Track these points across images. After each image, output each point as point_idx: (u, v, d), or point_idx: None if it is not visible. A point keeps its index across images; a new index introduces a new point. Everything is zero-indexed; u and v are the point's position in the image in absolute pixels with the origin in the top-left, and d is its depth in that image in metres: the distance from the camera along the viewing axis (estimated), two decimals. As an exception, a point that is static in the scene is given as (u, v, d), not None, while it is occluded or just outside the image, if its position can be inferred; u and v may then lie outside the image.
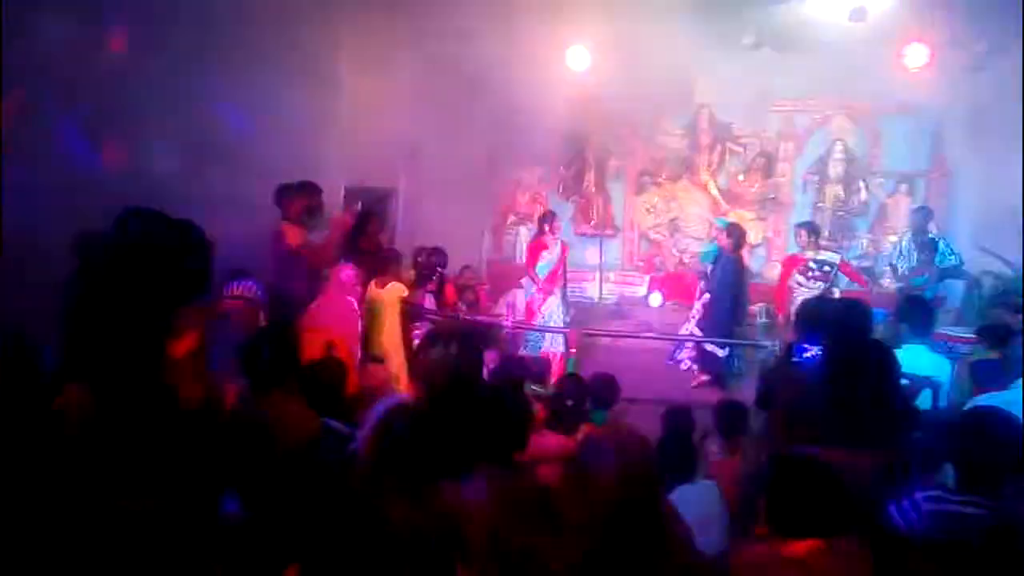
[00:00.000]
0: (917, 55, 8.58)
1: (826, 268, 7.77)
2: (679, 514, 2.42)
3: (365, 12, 7.25)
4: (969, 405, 3.41)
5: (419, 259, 6.84)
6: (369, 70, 7.41)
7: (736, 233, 7.93)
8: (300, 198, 5.85)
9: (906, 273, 7.97)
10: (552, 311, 8.09)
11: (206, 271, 3.02)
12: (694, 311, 8.18)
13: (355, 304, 5.44)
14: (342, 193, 7.70)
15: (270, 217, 5.86)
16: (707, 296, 7.94)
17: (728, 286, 7.75)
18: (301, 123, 6.50)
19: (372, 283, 5.98)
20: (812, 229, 8.07)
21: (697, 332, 7.96)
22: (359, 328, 5.40)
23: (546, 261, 8.13)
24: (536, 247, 8.23)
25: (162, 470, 2.17)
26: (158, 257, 2.80)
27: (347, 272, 5.49)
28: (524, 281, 8.95)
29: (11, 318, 2.87)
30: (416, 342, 5.73)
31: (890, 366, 2.88)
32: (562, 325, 8.04)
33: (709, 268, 8.03)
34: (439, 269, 6.80)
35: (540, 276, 8.10)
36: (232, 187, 5.51)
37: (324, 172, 6.52)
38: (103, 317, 2.66)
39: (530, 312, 8.15)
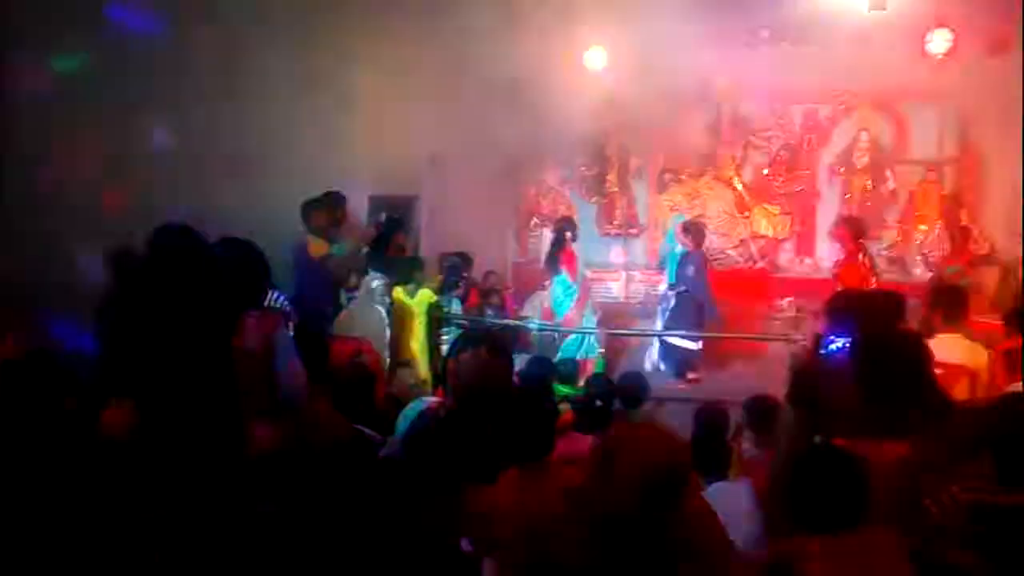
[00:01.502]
0: (940, 41, 8.47)
1: None
2: (713, 511, 2.41)
3: (381, 19, 7.31)
4: (1004, 392, 3.35)
5: (444, 265, 6.87)
6: (387, 78, 7.46)
7: (695, 230, 8.04)
8: (324, 210, 5.92)
9: (939, 262, 7.88)
10: (583, 319, 8.09)
11: (257, 282, 3.05)
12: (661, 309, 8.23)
13: (384, 313, 5.48)
14: (366, 203, 7.77)
15: (295, 229, 5.93)
16: (671, 294, 8.07)
17: (696, 283, 7.83)
18: (323, 135, 6.57)
19: (400, 290, 6.02)
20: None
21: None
22: (387, 336, 5.44)
23: (580, 268, 8.18)
24: (570, 256, 8.19)
25: (198, 486, 2.20)
26: (210, 272, 2.82)
27: (376, 281, 5.54)
28: (550, 283, 8.94)
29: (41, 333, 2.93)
30: (443, 348, 5.77)
31: (922, 356, 2.84)
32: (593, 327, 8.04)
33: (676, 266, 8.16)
34: (464, 274, 6.82)
35: (580, 282, 8.12)
36: (256, 199, 5.58)
37: (348, 182, 6.59)
38: (152, 334, 2.68)
39: (568, 323, 8.12)
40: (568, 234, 8.15)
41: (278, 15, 5.97)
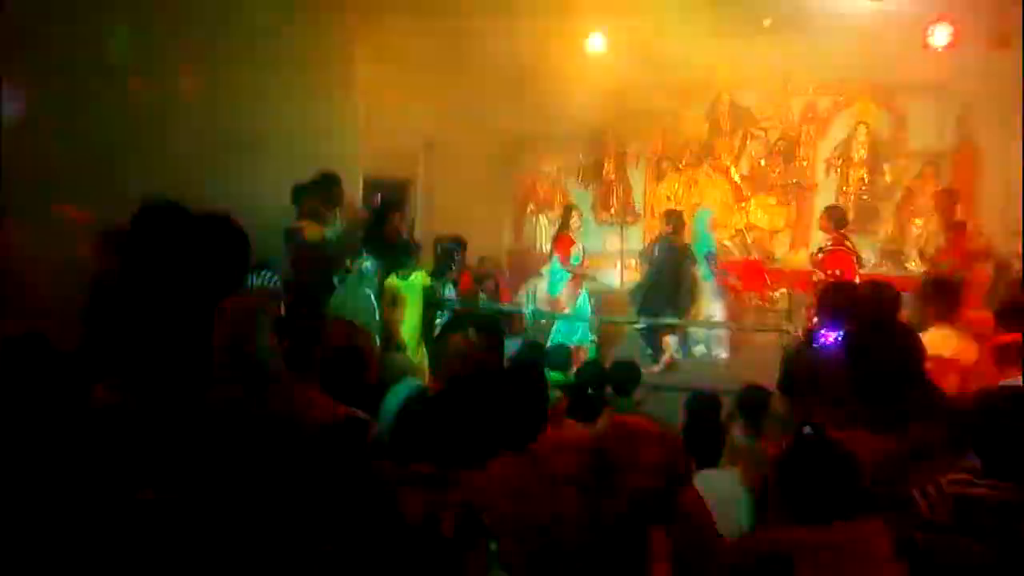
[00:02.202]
0: (941, 34, 8.43)
1: None
2: (702, 499, 2.41)
3: (379, 4, 7.27)
4: (993, 386, 3.35)
5: (439, 249, 6.85)
6: (385, 61, 7.42)
7: (674, 219, 8.14)
8: (318, 192, 5.88)
9: (934, 256, 7.88)
10: (578, 306, 8.11)
11: (239, 261, 3.03)
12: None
13: (372, 296, 5.46)
14: (361, 184, 7.73)
15: (288, 212, 5.91)
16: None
17: (668, 271, 7.94)
18: (320, 118, 6.53)
19: (393, 274, 6.00)
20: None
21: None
22: (376, 319, 5.42)
23: (575, 254, 8.17)
24: (565, 241, 8.22)
25: (192, 462, 2.19)
26: (190, 250, 2.81)
27: (367, 264, 5.52)
28: (544, 270, 8.94)
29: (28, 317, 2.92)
30: (437, 331, 5.76)
31: (914, 349, 2.84)
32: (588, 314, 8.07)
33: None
34: (458, 258, 6.81)
35: (575, 264, 8.15)
36: (250, 183, 5.55)
37: (343, 164, 6.56)
38: (136, 313, 2.67)
39: (556, 306, 8.15)
40: (571, 219, 8.21)
41: (275, 3, 5.93)
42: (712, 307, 8.21)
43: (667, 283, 7.95)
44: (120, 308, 2.69)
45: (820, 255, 7.15)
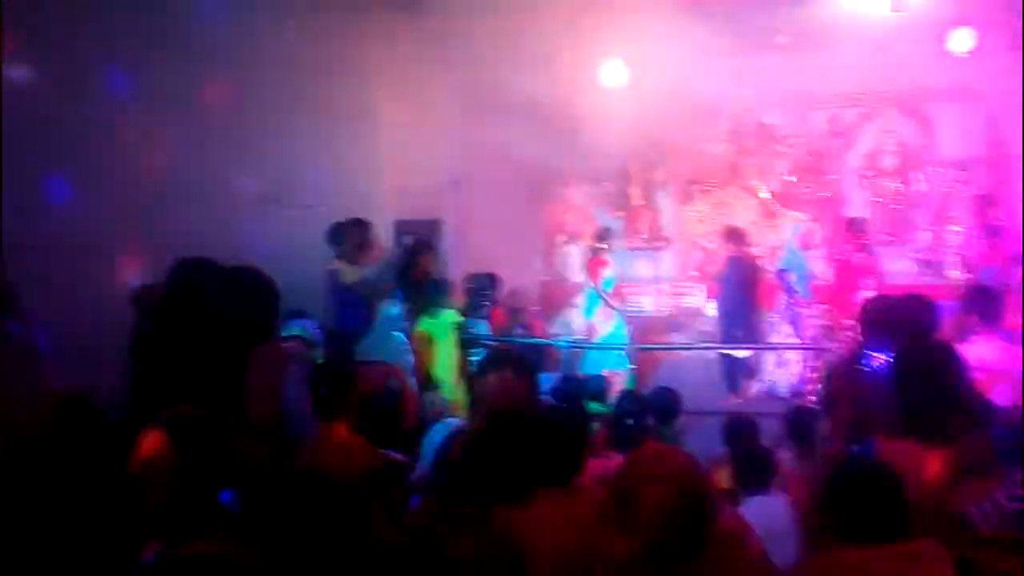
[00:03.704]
0: (962, 39, 8.36)
1: None
2: (750, 528, 2.36)
3: (397, 45, 7.39)
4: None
5: (469, 286, 6.88)
6: (407, 103, 7.54)
7: (734, 236, 7.99)
8: (351, 236, 5.97)
9: (974, 263, 7.73)
10: (614, 333, 8.03)
11: (269, 313, 3.08)
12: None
13: (404, 337, 5.49)
14: (392, 227, 7.82)
15: (323, 258, 5.99)
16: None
17: (735, 287, 7.76)
18: (347, 162, 6.64)
19: (426, 313, 6.02)
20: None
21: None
22: (410, 359, 5.44)
23: (608, 277, 8.12)
24: (596, 264, 8.20)
25: (230, 516, 2.20)
26: (221, 304, 2.86)
27: (393, 309, 5.57)
28: (578, 300, 8.92)
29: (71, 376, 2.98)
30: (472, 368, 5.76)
31: (953, 363, 2.78)
32: (624, 342, 7.99)
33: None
34: (490, 294, 6.82)
35: (607, 290, 8.08)
36: (282, 230, 5.64)
37: (373, 208, 6.65)
38: (173, 369, 2.72)
39: (591, 333, 8.10)
40: (603, 243, 8.18)
41: (297, 45, 6.06)
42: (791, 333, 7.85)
43: (735, 304, 7.79)
44: (157, 363, 2.74)
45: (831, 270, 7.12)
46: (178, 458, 2.39)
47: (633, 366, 7.94)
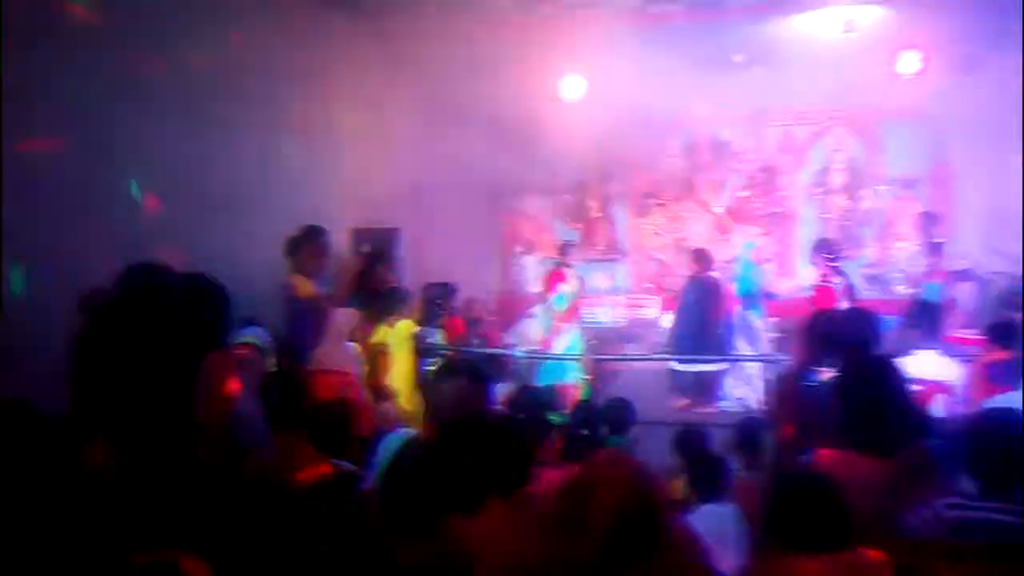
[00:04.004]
0: (910, 61, 8.62)
1: None
2: (697, 537, 2.39)
3: (357, 54, 7.37)
4: (983, 407, 3.37)
5: (426, 296, 6.87)
6: (365, 112, 7.51)
7: (701, 257, 8.13)
8: (308, 246, 5.91)
9: (917, 279, 7.95)
10: (570, 345, 8.04)
11: (220, 322, 3.04)
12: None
13: (352, 348, 5.45)
14: (348, 236, 7.77)
15: (277, 265, 5.92)
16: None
17: (697, 309, 7.87)
18: (303, 170, 6.58)
19: (382, 323, 5.99)
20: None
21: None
22: (358, 369, 5.40)
23: (564, 292, 8.12)
24: (554, 278, 8.22)
25: (184, 524, 2.17)
26: (171, 310, 2.81)
27: (341, 316, 5.52)
28: (535, 311, 8.95)
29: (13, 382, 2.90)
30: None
31: (893, 376, 2.86)
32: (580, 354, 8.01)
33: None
34: (446, 304, 6.82)
35: (558, 307, 8.06)
36: (236, 237, 5.57)
37: (329, 217, 6.59)
38: (120, 375, 2.67)
39: (546, 346, 8.11)
40: (563, 257, 8.22)
41: (255, 53, 6.00)
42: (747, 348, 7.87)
43: (696, 324, 7.88)
44: (103, 369, 2.69)
45: (812, 291, 7.23)
46: (124, 468, 2.35)
47: (588, 377, 7.98)
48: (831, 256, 7.29)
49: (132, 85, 5.04)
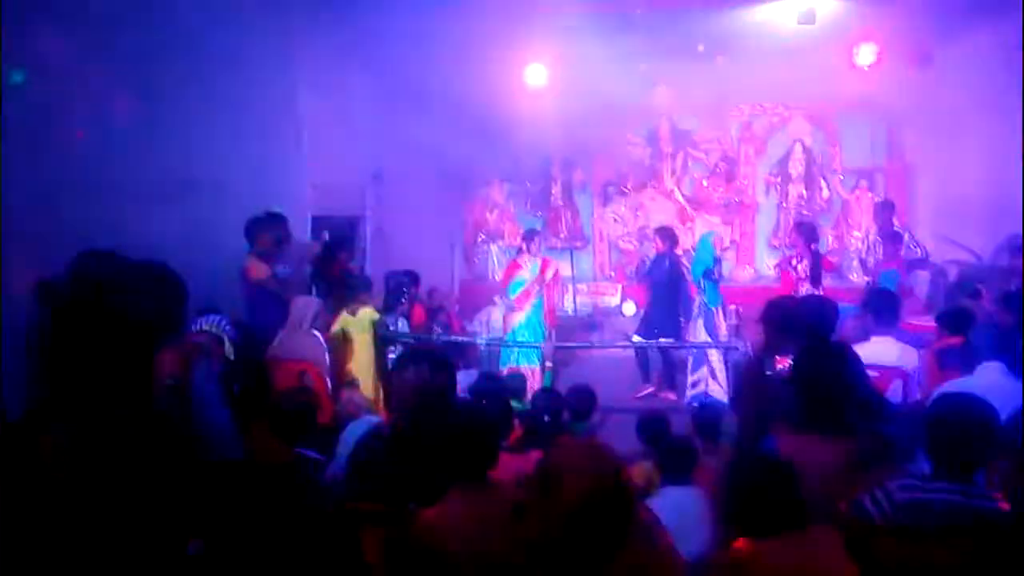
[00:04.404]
0: (866, 53, 8.76)
1: None
2: (658, 521, 2.43)
3: (320, 39, 7.27)
4: (936, 392, 3.45)
5: (389, 284, 6.83)
6: (328, 97, 7.42)
7: (666, 235, 8.13)
8: (266, 232, 5.85)
9: (874, 267, 8.12)
10: (520, 328, 8.02)
11: (176, 309, 2.99)
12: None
13: (319, 335, 5.40)
14: (309, 223, 7.69)
15: (237, 251, 5.85)
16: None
17: (667, 286, 7.92)
18: (263, 155, 6.48)
19: (344, 310, 5.95)
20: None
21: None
22: (326, 357, 5.36)
23: (518, 280, 8.09)
24: (512, 267, 8.21)
25: (142, 509, 2.15)
26: (125, 298, 2.76)
27: (305, 306, 5.47)
28: (497, 298, 8.95)
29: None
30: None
31: (849, 362, 2.92)
32: (534, 341, 8.01)
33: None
34: (409, 292, 6.79)
35: (511, 296, 8.05)
36: (196, 222, 5.47)
37: (290, 202, 6.52)
38: (74, 362, 2.62)
39: (506, 330, 8.12)
40: (523, 244, 8.19)
41: (216, 36, 5.89)
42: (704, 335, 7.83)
43: (667, 301, 7.95)
44: (59, 359, 2.63)
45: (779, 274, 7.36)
46: (81, 457, 2.31)
47: (550, 364, 8.01)
48: (811, 239, 7.44)
49: (85, 70, 4.92)
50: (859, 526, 2.42)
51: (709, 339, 7.65)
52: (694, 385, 7.65)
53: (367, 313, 6.00)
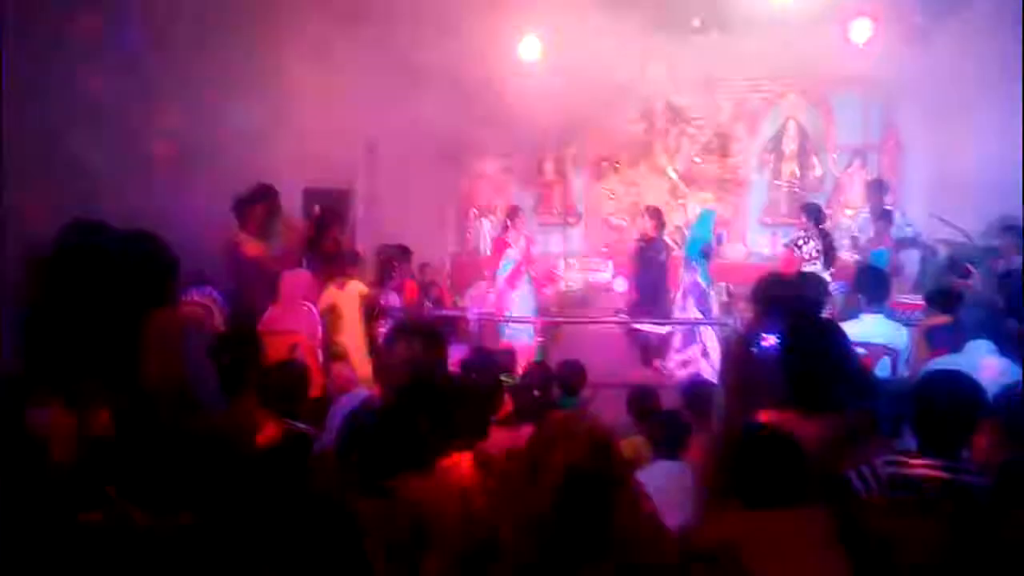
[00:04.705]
0: (861, 30, 8.72)
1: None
2: (645, 493, 2.44)
3: (312, 9, 7.18)
4: (924, 369, 3.48)
5: (380, 258, 6.82)
6: (319, 69, 7.34)
7: (656, 215, 8.18)
8: (257, 206, 5.81)
9: (865, 245, 8.14)
10: (516, 308, 8.04)
11: (166, 280, 2.98)
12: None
13: (312, 308, 5.40)
14: (300, 196, 7.64)
15: (225, 224, 5.81)
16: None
17: (659, 266, 7.99)
18: (254, 127, 6.42)
19: (332, 284, 5.93)
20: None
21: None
22: (319, 331, 5.36)
23: (510, 259, 8.10)
24: (499, 245, 8.20)
25: (141, 483, 2.15)
26: (115, 268, 2.75)
27: (293, 277, 5.46)
28: (489, 274, 8.95)
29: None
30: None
31: (836, 339, 2.93)
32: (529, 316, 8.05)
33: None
34: (400, 267, 6.78)
35: (502, 275, 8.06)
36: (186, 195, 5.44)
37: (281, 175, 6.47)
38: (64, 333, 2.62)
39: (500, 308, 8.13)
40: (508, 221, 8.17)
41: (206, 5, 5.81)
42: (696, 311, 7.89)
43: (652, 283, 7.98)
44: (49, 328, 2.63)
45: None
46: (76, 427, 2.32)
47: (541, 339, 8.04)
48: (819, 220, 7.48)
49: (75, 41, 4.86)
50: (846, 501, 2.44)
51: (701, 317, 7.69)
52: (685, 364, 7.69)
53: (355, 287, 5.98)
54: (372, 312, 6.09)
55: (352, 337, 5.83)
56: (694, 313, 7.77)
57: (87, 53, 4.95)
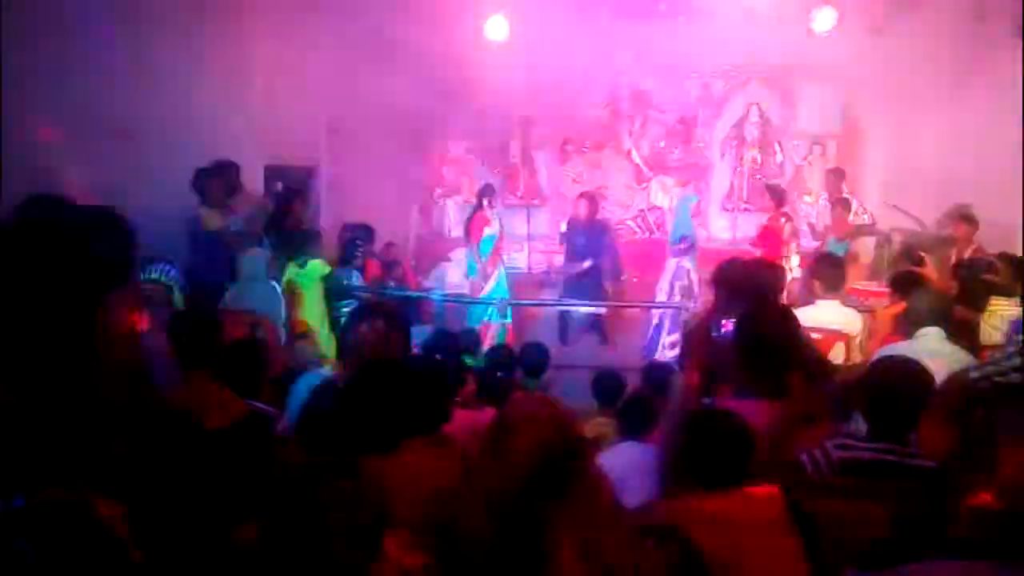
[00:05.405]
0: (824, 19, 8.81)
1: None
2: (604, 474, 2.49)
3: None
4: (876, 355, 3.57)
5: (344, 237, 6.77)
6: (285, 44, 7.23)
7: (592, 200, 8.44)
8: (218, 181, 5.74)
9: (822, 232, 8.29)
10: (495, 288, 8.10)
11: (125, 257, 2.93)
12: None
13: (276, 285, 5.35)
14: (262, 173, 7.54)
15: (185, 200, 5.72)
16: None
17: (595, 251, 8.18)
18: (215, 101, 6.31)
19: (291, 263, 5.88)
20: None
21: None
22: (282, 309, 5.32)
23: (488, 236, 8.11)
24: (478, 222, 8.19)
25: (89, 464, 2.12)
26: (69, 245, 2.70)
27: (254, 254, 5.41)
28: (454, 255, 8.93)
29: None
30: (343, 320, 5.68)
31: (790, 325, 3.00)
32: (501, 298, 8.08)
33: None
34: (364, 246, 6.73)
35: (483, 253, 8.07)
36: (145, 169, 5.34)
37: (242, 152, 6.38)
38: (15, 311, 2.56)
39: (475, 292, 8.14)
40: (485, 200, 8.17)
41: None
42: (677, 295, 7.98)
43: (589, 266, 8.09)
44: (3, 304, 2.57)
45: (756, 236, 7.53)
46: (20, 406, 2.27)
47: (505, 321, 8.06)
48: (780, 201, 7.61)
49: (36, 13, 4.72)
50: (799, 483, 2.51)
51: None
52: (672, 346, 7.79)
53: (316, 265, 5.94)
54: (334, 291, 6.05)
55: (314, 316, 5.79)
56: (678, 298, 7.90)
57: (44, 28, 4.81)
